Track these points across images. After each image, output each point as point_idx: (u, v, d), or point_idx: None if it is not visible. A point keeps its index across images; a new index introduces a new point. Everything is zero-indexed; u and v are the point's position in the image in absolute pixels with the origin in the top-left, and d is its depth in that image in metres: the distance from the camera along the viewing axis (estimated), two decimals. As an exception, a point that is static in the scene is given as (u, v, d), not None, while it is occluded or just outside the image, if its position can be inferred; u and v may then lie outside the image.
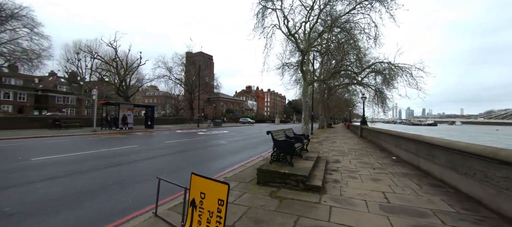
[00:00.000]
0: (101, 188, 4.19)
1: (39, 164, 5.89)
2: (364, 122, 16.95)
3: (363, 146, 10.96)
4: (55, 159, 6.66)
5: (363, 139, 14.94)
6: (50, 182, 4.46)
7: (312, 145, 10.64)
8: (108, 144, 10.06)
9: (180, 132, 19.03)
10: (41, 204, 3.39)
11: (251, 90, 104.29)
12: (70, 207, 3.31)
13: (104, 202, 3.57)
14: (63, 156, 7.08)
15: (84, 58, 35.75)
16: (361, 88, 24.33)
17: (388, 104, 17.49)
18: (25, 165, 5.75)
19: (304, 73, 14.34)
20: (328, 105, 43.62)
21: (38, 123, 17.59)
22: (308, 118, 14.42)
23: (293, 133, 7.05)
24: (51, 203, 3.43)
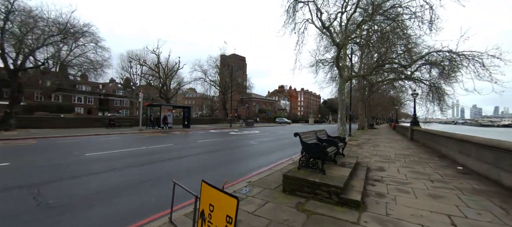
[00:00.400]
0: (133, 185, 4.36)
1: (88, 160, 6.64)
2: (416, 122, 14.53)
3: (414, 150, 9.29)
4: (103, 155, 7.44)
5: (415, 142, 12.78)
6: (93, 176, 4.88)
7: (350, 148, 9.52)
8: (148, 142, 10.93)
9: (213, 131, 19.70)
10: (79, 198, 3.65)
11: (283, 89, 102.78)
12: (101, 203, 3.47)
13: (131, 200, 3.64)
14: (110, 152, 7.88)
15: (135, 66, 40.79)
16: (411, 83, 21.17)
17: (446, 101, 14.62)
18: (77, 160, 6.55)
19: (340, 69, 13.08)
20: (369, 104, 39.62)
21: (99, 122, 20.57)
22: (345, 118, 13.09)
23: (326, 134, 6.31)
24: (87, 198, 3.66)
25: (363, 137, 16.43)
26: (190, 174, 5.31)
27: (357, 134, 18.92)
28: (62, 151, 8.14)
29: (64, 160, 6.58)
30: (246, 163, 6.88)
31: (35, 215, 3.02)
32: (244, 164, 6.80)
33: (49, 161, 6.45)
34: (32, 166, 5.71)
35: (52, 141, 10.57)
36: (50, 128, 16.86)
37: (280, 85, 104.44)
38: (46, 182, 4.42)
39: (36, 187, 4.09)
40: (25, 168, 5.50)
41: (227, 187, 4.17)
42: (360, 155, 7.76)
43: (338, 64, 12.92)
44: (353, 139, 14.34)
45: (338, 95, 13.27)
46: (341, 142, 5.98)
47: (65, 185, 4.31)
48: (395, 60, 15.94)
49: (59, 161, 6.38)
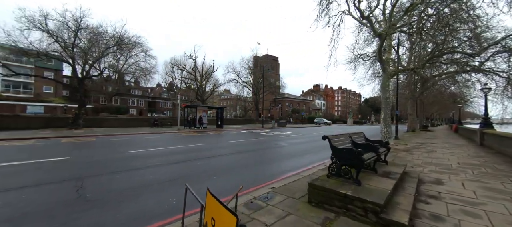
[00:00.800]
0: (161, 183, 4.53)
1: (130, 157, 7.31)
2: (487, 123, 11.70)
3: (486, 159, 7.40)
4: (142, 152, 8.13)
5: (486, 148, 10.29)
6: (129, 173, 5.28)
7: (396, 154, 8.20)
8: (182, 141, 11.60)
9: (245, 132, 19.89)
10: (113, 194, 3.93)
11: (318, 89, 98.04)
12: (128, 200, 3.64)
13: (154, 199, 3.73)
14: (149, 150, 8.58)
15: (176, 71, 44.73)
16: (481, 76, 17.49)
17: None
18: (121, 157, 7.27)
19: (383, 63, 11.50)
20: (423, 102, 34.35)
21: (146, 122, 23.07)
22: (389, 118, 11.44)
23: (364, 137, 5.49)
24: (120, 194, 3.91)
25: (414, 140, 14.13)
26: (215, 175, 5.27)
27: (406, 137, 16.43)
28: (112, 148, 9.24)
29: (112, 155, 7.41)
30: (272, 166, 6.53)
31: (72, 208, 3.32)
32: (270, 167, 6.46)
33: (101, 156, 7.34)
34: (84, 161, 6.56)
35: (107, 139, 12.20)
36: (109, 126, 19.67)
37: (315, 85, 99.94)
38: (91, 176, 4.95)
39: (81, 180, 4.60)
40: (79, 163, 6.34)
41: (246, 193, 3.93)
42: (409, 163, 6.55)
43: (381, 58, 11.38)
44: (401, 142, 12.44)
45: (381, 93, 11.69)
46: (383, 147, 5.10)
47: (105, 180, 4.74)
48: (457, 49, 13.24)
49: (107, 157, 7.20)
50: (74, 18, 13.82)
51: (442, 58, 18.85)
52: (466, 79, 22.90)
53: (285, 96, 67.67)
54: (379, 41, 11.27)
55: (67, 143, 10.16)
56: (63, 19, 13.45)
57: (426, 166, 6.20)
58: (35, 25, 12.64)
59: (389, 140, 11.09)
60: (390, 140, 11.13)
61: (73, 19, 13.83)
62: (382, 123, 11.46)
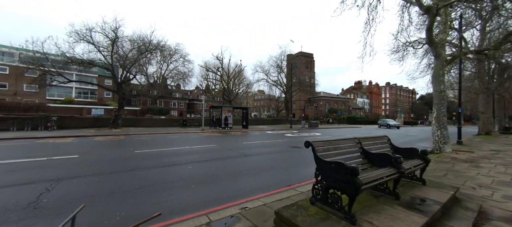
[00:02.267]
0: (138, 189, 4.06)
1: (136, 156, 7.31)
2: None
3: None
4: (149, 152, 8.11)
5: None
6: (131, 173, 5.06)
7: (453, 167, 6.00)
8: (197, 142, 11.44)
9: (270, 132, 18.88)
10: (106, 194, 3.61)
11: (361, 85, 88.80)
12: (113, 202, 3.23)
13: (134, 204, 3.22)
14: (156, 150, 8.56)
15: (211, 73, 46.83)
16: None
17: None
18: (128, 156, 7.33)
19: (435, 46, 8.88)
20: (503, 97, 26.80)
21: (177, 123, 24.45)
22: (445, 118, 8.72)
23: (390, 144, 3.91)
24: (114, 194, 3.57)
25: (486, 146, 10.62)
26: (194, 184, 4.56)
27: (475, 143, 12.64)
28: (127, 147, 9.62)
29: (120, 154, 7.59)
30: (265, 176, 5.41)
31: (25, 214, 3.06)
32: (262, 177, 5.35)
33: (109, 156, 7.58)
34: (90, 160, 6.77)
35: (134, 137, 13.06)
36: (144, 126, 21.55)
37: (357, 81, 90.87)
38: (75, 177, 4.88)
39: (58, 181, 4.52)
40: (82, 163, 6.56)
41: (208, 213, 3.06)
42: (470, 182, 4.52)
43: (431, 39, 8.79)
44: (464, 149, 9.43)
45: (433, 85, 9.03)
46: (415, 158, 3.48)
47: (118, 177, 4.59)
48: None
49: (115, 156, 7.37)
50: (111, 28, 15.62)
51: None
52: None
53: (321, 95, 63.38)
54: (429, 18, 8.75)
55: (97, 141, 11.15)
56: (103, 30, 15.41)
57: (499, 189, 4.11)
58: (82, 38, 14.80)
59: (444, 146, 8.49)
60: (446, 147, 8.50)
61: (111, 30, 15.63)
62: (435, 123, 8.84)
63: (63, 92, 38.31)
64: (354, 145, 3.25)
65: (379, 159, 2.98)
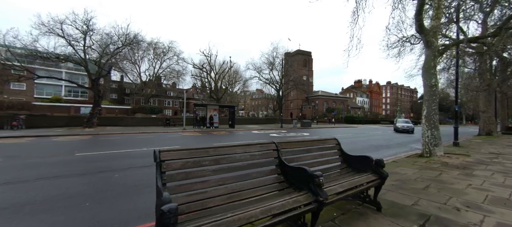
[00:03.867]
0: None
1: (76, 160, 6.29)
2: None
3: None
4: (94, 155, 7.09)
5: None
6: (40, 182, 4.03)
7: (438, 176, 4.90)
8: (168, 142, 10.42)
9: (256, 132, 17.82)
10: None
11: (361, 84, 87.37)
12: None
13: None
14: (103, 153, 7.53)
15: (205, 71, 45.72)
16: None
17: None
18: (62, 160, 6.31)
19: (426, 33, 7.76)
20: (505, 94, 25.49)
21: (161, 122, 23.44)
22: (436, 116, 7.59)
23: (339, 150, 2.83)
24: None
25: (485, 149, 9.47)
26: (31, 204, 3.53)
27: (474, 144, 11.49)
28: (81, 148, 8.61)
29: (60, 158, 6.58)
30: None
31: None
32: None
33: (51, 158, 6.57)
34: (15, 166, 5.77)
35: (100, 138, 12.06)
36: (124, 125, 20.55)
37: (357, 80, 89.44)
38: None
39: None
40: (10, 167, 5.55)
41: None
42: (452, 200, 3.43)
43: (421, 25, 7.68)
44: (459, 152, 8.30)
45: (423, 79, 7.90)
46: (369, 171, 2.40)
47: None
48: None
49: (53, 160, 6.36)
50: (82, 20, 14.62)
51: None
52: None
53: (319, 94, 62.09)
54: (417, 1, 7.62)
55: (53, 142, 10.15)
56: (74, 23, 14.39)
57: (493, 211, 3.01)
58: (51, 31, 13.82)
59: (435, 148, 7.36)
60: (437, 149, 7.37)
61: (82, 22, 14.63)
62: (425, 122, 7.71)
63: (53, 90, 37.57)
64: (267, 150, 2.17)
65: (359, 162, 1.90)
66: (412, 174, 5.04)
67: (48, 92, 36.56)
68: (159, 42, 42.58)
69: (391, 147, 11.06)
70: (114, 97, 48.06)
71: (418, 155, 7.72)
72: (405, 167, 5.76)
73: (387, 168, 6.02)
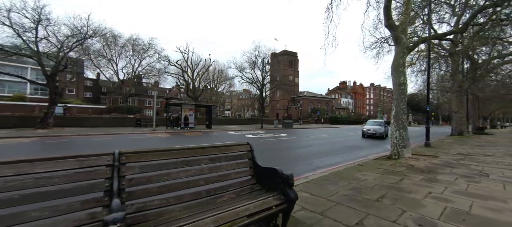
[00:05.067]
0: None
1: None
2: None
3: None
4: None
5: None
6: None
7: (398, 183, 4.38)
8: (121, 146, 9.33)
9: (232, 133, 16.99)
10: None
11: (346, 86, 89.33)
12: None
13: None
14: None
15: (180, 69, 43.88)
16: None
17: None
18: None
19: (395, 29, 7.38)
20: (477, 96, 26.66)
21: (132, 122, 21.91)
22: (404, 116, 7.21)
23: (250, 161, 2.09)
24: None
25: (455, 149, 9.33)
26: None
27: (446, 144, 11.44)
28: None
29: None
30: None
31: None
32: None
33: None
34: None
35: (45, 141, 10.67)
36: (90, 126, 18.89)
37: (342, 82, 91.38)
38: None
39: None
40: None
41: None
42: (404, 216, 2.84)
43: (390, 19, 7.29)
44: (430, 153, 8.01)
45: (392, 77, 7.52)
46: (278, 190, 1.67)
47: None
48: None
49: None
50: (33, 8, 12.93)
51: (504, 35, 13.16)
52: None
53: (305, 95, 62.40)
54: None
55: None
56: (23, 10, 12.69)
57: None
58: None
59: (403, 150, 6.97)
60: (405, 151, 6.98)
61: (33, 10, 12.95)
62: (393, 122, 7.32)
63: (17, 88, 34.36)
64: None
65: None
66: (372, 180, 4.49)
67: (10, 90, 33.39)
68: (139, 39, 40.54)
69: (365, 148, 10.73)
70: (88, 96, 45.08)
71: (387, 156, 7.32)
72: (368, 172, 5.23)
73: (350, 173, 5.50)
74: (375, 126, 15.52)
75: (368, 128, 15.55)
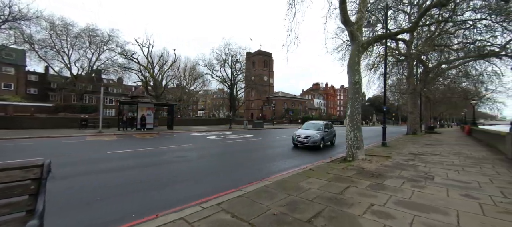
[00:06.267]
0: None
1: None
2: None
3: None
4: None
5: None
6: None
7: (349, 188, 3.81)
8: (44, 153, 7.56)
9: (195, 134, 15.71)
10: None
11: (318, 87, 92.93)
12: None
13: None
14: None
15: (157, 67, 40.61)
16: (501, 64, 13.07)
17: None
18: None
19: (350, 26, 7.09)
20: (428, 98, 29.32)
21: (77, 123, 19.02)
22: (359, 116, 6.96)
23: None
24: None
25: (407, 149, 9.56)
26: None
27: (400, 143, 11.86)
28: None
29: None
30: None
31: None
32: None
33: None
34: None
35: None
36: (25, 128, 15.86)
37: (315, 83, 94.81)
38: None
39: None
40: None
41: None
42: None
43: (346, 15, 6.97)
44: (384, 153, 7.95)
45: (348, 75, 7.24)
46: None
47: None
48: (476, 31, 8.67)
49: None
50: None
51: (451, 43, 14.20)
52: (479, 73, 18.13)
53: (279, 95, 63.03)
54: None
55: None
56: None
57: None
58: None
59: (357, 151, 6.67)
60: (359, 153, 6.70)
61: None
62: (348, 123, 7.01)
63: None
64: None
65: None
66: (315, 190, 3.90)
67: None
68: (97, 30, 36.28)
69: (328, 148, 10.50)
70: (33, 92, 38.98)
71: (343, 158, 7.00)
72: (317, 178, 4.68)
73: (296, 180, 4.78)
74: (309, 131, 10.41)
75: (299, 133, 10.32)
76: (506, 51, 13.05)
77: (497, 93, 23.94)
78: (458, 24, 14.01)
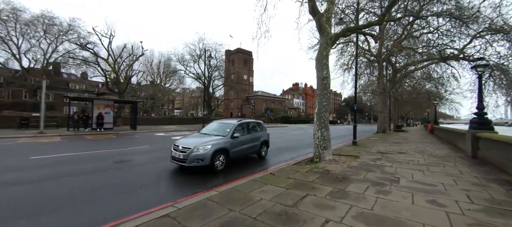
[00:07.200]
0: None
1: None
2: (484, 122, 7.15)
3: (490, 189, 2.54)
4: None
5: (488, 166, 5.69)
6: None
7: (307, 197, 3.08)
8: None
9: (160, 135, 14.31)
10: None
11: (298, 87, 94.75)
12: None
13: None
14: None
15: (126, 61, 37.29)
16: (459, 67, 13.75)
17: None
18: None
19: (319, 17, 6.58)
20: (397, 99, 30.96)
21: (16, 123, 16.43)
22: (327, 114, 6.50)
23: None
24: None
25: (377, 147, 9.47)
26: None
27: (371, 142, 11.88)
28: None
29: None
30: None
31: None
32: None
33: None
34: None
35: None
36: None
37: (294, 83, 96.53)
38: None
39: None
40: None
41: None
42: None
43: (314, 7, 6.45)
44: (352, 153, 7.62)
45: (316, 70, 6.74)
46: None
47: None
48: (437, 34, 8.79)
49: None
50: None
51: (416, 47, 14.75)
52: (439, 76, 19.43)
53: (259, 94, 62.63)
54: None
55: None
56: None
57: None
58: None
59: (324, 152, 6.18)
60: (326, 153, 6.21)
61: None
62: (316, 121, 6.50)
63: None
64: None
65: None
66: (267, 201, 3.20)
67: None
68: (54, 17, 32.15)
69: (298, 148, 10.04)
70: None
71: (310, 159, 6.49)
72: (274, 185, 4.00)
73: (249, 188, 3.88)
74: (198, 139, 6.06)
75: (180, 142, 5.65)
76: (463, 54, 13.90)
77: (454, 94, 26.10)
78: (422, 27, 14.67)
